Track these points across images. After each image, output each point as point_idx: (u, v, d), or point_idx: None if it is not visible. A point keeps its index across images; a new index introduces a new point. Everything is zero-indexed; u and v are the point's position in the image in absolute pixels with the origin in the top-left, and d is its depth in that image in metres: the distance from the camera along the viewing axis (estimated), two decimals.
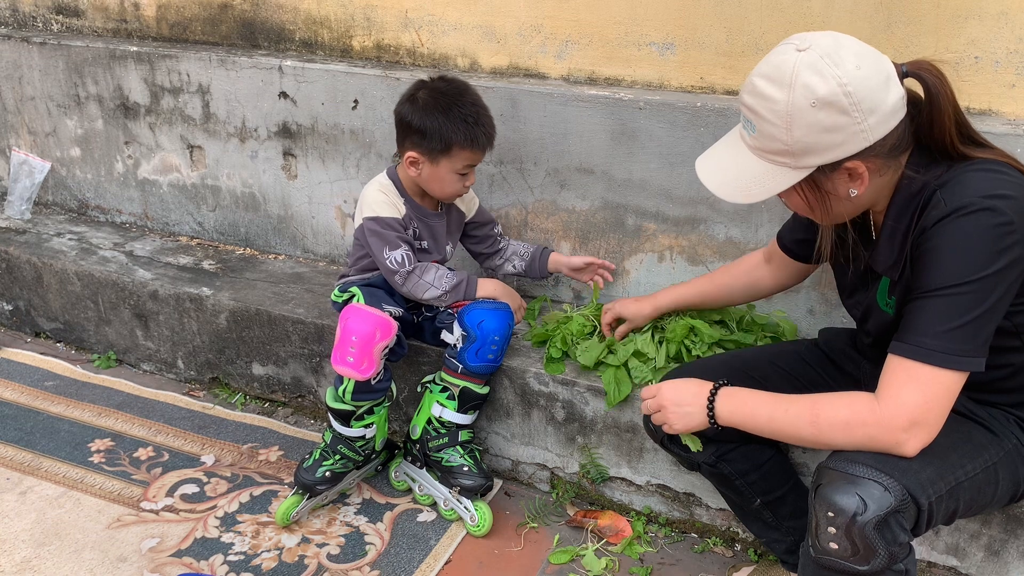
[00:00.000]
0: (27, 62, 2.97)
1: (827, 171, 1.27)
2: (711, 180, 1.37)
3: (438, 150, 1.92)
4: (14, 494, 2.12)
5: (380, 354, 1.90)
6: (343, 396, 1.93)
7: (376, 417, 2.01)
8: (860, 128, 1.22)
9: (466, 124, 1.91)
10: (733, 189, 1.33)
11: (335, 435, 2.01)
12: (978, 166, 1.27)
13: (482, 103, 1.98)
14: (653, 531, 2.04)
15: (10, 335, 2.93)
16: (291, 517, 2.00)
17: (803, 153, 1.25)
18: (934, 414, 1.25)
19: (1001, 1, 1.82)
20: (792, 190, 1.31)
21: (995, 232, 1.20)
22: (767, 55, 1.28)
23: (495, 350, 1.99)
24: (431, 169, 1.96)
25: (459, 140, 1.91)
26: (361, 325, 1.88)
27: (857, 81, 1.20)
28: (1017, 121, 1.88)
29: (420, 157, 1.95)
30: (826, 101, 1.20)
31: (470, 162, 1.96)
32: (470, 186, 2.03)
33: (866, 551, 1.24)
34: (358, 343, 1.87)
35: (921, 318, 1.25)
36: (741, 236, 2.12)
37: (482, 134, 1.94)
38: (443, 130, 1.90)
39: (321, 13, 2.58)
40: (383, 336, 1.89)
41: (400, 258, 1.98)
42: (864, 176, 1.27)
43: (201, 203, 2.87)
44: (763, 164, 1.30)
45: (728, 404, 1.43)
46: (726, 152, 1.37)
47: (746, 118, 1.30)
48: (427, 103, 1.92)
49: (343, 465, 2.01)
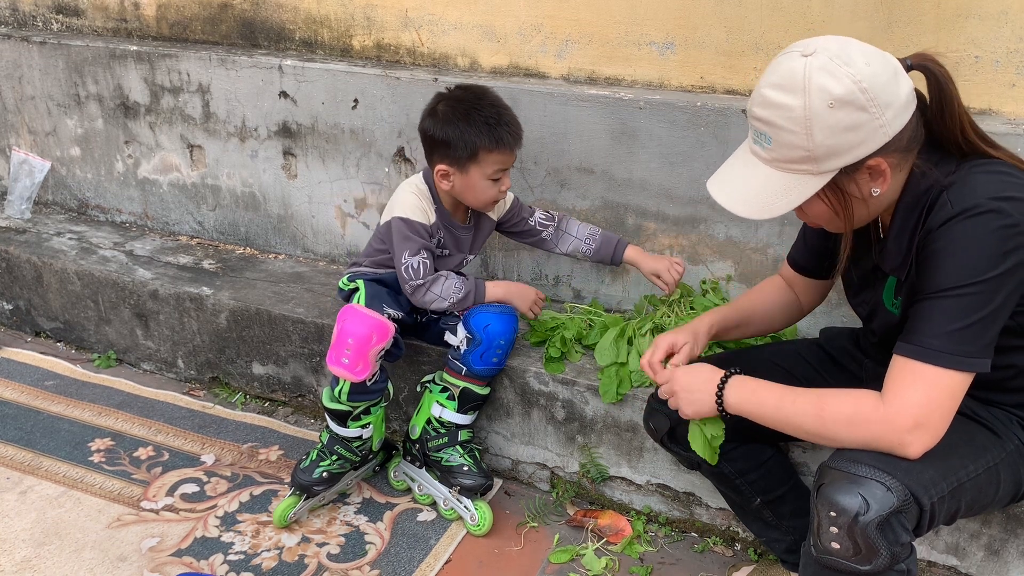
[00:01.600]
0: (27, 61, 2.96)
1: (850, 172, 1.26)
2: (730, 200, 1.33)
3: (465, 158, 1.90)
4: (14, 493, 2.11)
5: (375, 357, 1.90)
6: (339, 396, 1.92)
7: (373, 417, 2.01)
8: (880, 123, 1.21)
9: (488, 126, 1.89)
10: (755, 206, 1.31)
11: (332, 435, 2.01)
12: (985, 168, 1.27)
13: (502, 103, 1.96)
14: (653, 530, 2.04)
15: (10, 335, 2.92)
16: (289, 518, 2.00)
17: (826, 157, 1.23)
18: (939, 415, 1.24)
19: (1001, 1, 1.83)
20: (815, 198, 1.28)
21: (1001, 234, 1.20)
22: (771, 66, 1.27)
23: (500, 354, 1.99)
24: (462, 179, 1.94)
25: (484, 144, 1.89)
26: (358, 327, 1.87)
27: (870, 77, 1.19)
28: (1017, 121, 1.88)
29: (450, 169, 1.93)
30: (844, 100, 1.19)
31: (500, 165, 1.93)
32: (506, 191, 1.99)
33: (868, 551, 1.24)
34: (354, 345, 1.86)
35: (927, 319, 1.25)
36: (741, 236, 2.12)
37: (506, 133, 1.91)
38: (466, 136, 1.88)
39: (321, 12, 2.58)
40: (379, 340, 1.89)
41: (416, 265, 1.96)
42: (887, 172, 1.26)
43: (201, 202, 2.87)
44: (783, 176, 1.28)
45: (738, 393, 1.43)
46: (741, 170, 1.34)
47: (759, 132, 1.28)
48: (447, 114, 1.91)
49: (340, 465, 2.01)
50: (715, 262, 2.17)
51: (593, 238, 2.14)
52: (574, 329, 2.13)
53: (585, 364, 2.08)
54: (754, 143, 1.31)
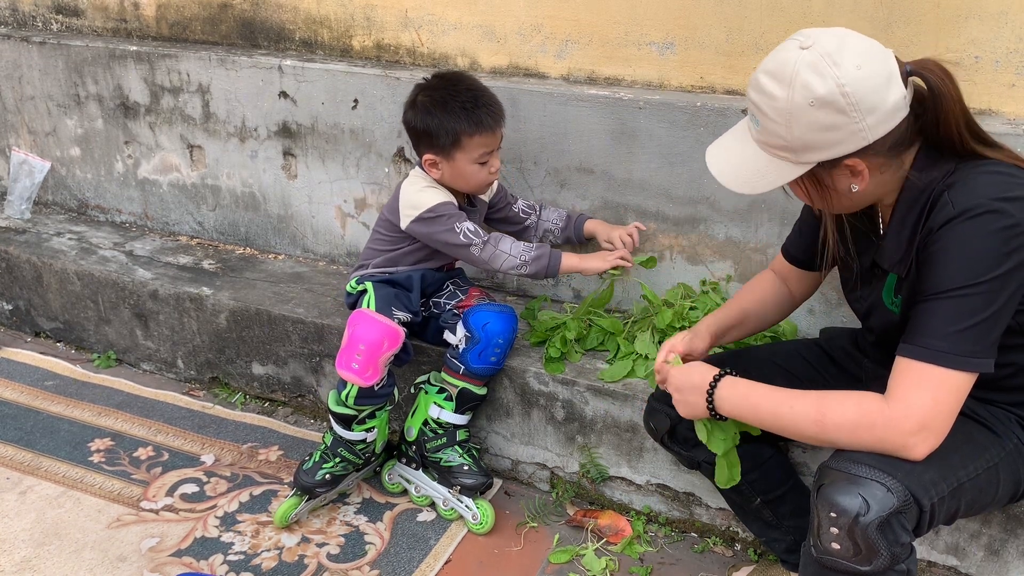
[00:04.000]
0: (27, 62, 2.96)
1: (827, 167, 1.29)
2: (717, 168, 1.40)
3: (449, 145, 1.93)
4: (14, 494, 2.11)
5: (386, 363, 1.91)
6: (346, 400, 1.92)
7: (378, 421, 2.01)
8: (858, 128, 1.23)
9: (466, 111, 1.91)
10: (737, 180, 1.36)
11: (336, 438, 2.00)
12: (987, 168, 1.28)
13: (479, 85, 1.97)
14: (653, 531, 2.04)
15: (10, 335, 2.92)
16: (290, 519, 2.00)
17: (803, 150, 1.27)
18: (943, 416, 1.24)
19: (1001, 1, 1.82)
20: (794, 184, 1.33)
21: (1003, 234, 1.21)
22: (774, 51, 1.29)
23: (499, 353, 1.99)
24: (450, 166, 1.96)
25: (464, 129, 1.91)
26: (369, 333, 1.88)
27: (856, 82, 1.20)
28: (1017, 121, 1.88)
29: (436, 158, 1.96)
30: (824, 101, 1.21)
31: (485, 148, 1.95)
32: (497, 171, 2.01)
33: (868, 551, 1.24)
34: (365, 351, 1.87)
35: (930, 320, 1.25)
36: (741, 236, 2.12)
37: (485, 115, 1.93)
38: (446, 124, 1.91)
39: (321, 12, 2.58)
40: (391, 346, 1.89)
41: (472, 228, 1.99)
42: (864, 173, 1.28)
43: (201, 203, 2.87)
44: (767, 157, 1.32)
45: (730, 396, 1.42)
46: (734, 143, 1.39)
47: (751, 112, 1.33)
48: (425, 104, 1.93)
49: (343, 468, 2.01)
50: (715, 262, 2.17)
51: (560, 218, 2.20)
52: (574, 329, 2.13)
53: (585, 364, 2.08)
54: (749, 120, 1.36)
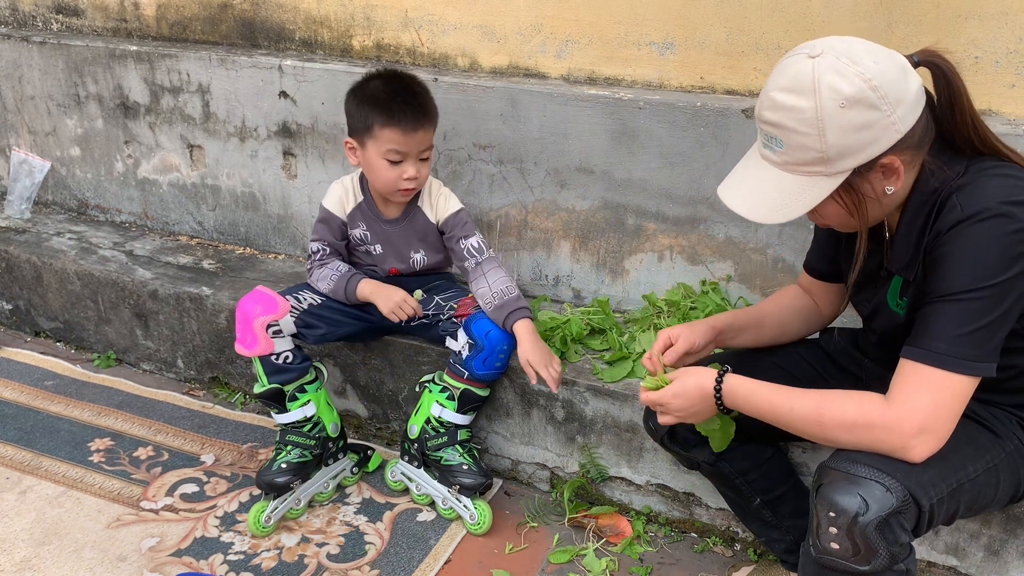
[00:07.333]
0: (27, 61, 2.96)
1: (863, 172, 1.25)
2: (742, 206, 1.32)
3: (362, 130, 1.88)
4: (14, 493, 2.11)
5: (263, 329, 1.94)
6: (259, 377, 2.00)
7: (311, 395, 2.05)
8: (891, 120, 1.21)
9: (384, 101, 1.83)
10: (768, 210, 1.30)
11: (282, 428, 2.06)
12: (995, 171, 1.27)
13: (416, 85, 1.90)
14: (653, 531, 2.04)
15: (10, 334, 2.92)
16: (263, 521, 1.96)
17: (839, 157, 1.23)
18: (944, 419, 1.24)
19: (1001, 1, 1.83)
20: (828, 200, 1.28)
21: (1010, 238, 1.20)
22: (777, 69, 1.26)
23: (502, 359, 1.99)
24: (364, 155, 1.92)
25: (376, 117, 1.84)
26: (245, 301, 1.97)
27: (880, 75, 1.20)
28: (1017, 121, 1.88)
29: (353, 142, 1.94)
30: (855, 99, 1.19)
31: (396, 146, 1.84)
32: (410, 180, 1.88)
33: (867, 551, 1.24)
34: (240, 319, 1.95)
35: (934, 323, 1.25)
36: (741, 236, 2.12)
37: (402, 110, 1.81)
38: (362, 108, 1.87)
39: (321, 12, 2.58)
40: (264, 311, 1.94)
41: (315, 249, 2.10)
42: (900, 170, 1.25)
43: (201, 202, 2.87)
44: (796, 179, 1.27)
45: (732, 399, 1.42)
46: (752, 174, 1.33)
47: (769, 135, 1.28)
48: (356, 88, 1.92)
49: (299, 454, 2.02)
50: (715, 262, 2.17)
51: (499, 296, 1.95)
52: (575, 329, 2.13)
53: (585, 364, 2.08)
54: (764, 147, 1.31)
